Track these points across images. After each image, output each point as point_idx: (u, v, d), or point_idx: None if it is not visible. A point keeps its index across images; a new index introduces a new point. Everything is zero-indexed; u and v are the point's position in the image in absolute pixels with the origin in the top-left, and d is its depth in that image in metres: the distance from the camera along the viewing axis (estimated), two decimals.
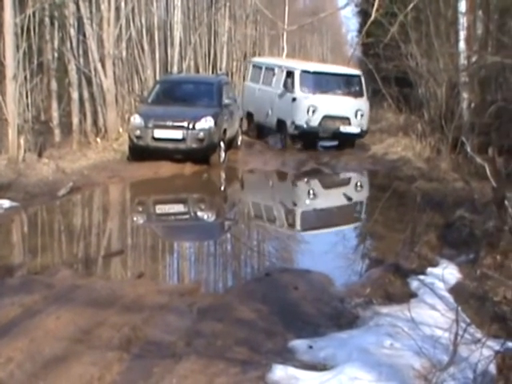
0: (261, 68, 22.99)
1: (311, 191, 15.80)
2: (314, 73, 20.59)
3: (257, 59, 26.59)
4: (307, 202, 14.63)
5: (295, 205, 14.39)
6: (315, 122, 19.64)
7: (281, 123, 20.61)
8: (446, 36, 18.07)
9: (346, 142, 20.53)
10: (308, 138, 20.34)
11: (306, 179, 16.62)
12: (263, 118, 21.89)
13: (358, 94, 20.44)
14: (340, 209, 13.72)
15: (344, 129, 19.80)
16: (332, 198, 14.84)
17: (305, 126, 19.68)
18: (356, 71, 21.86)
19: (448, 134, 15.76)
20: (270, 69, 22.18)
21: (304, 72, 20.32)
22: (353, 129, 19.92)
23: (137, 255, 9.83)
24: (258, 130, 22.75)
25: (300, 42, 61.78)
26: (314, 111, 19.59)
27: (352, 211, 13.64)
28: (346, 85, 20.78)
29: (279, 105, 20.81)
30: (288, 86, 20.43)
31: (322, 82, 20.39)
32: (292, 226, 12.39)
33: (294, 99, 19.96)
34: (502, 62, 13.02)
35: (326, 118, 19.69)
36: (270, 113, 21.29)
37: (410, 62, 19.58)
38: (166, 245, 10.81)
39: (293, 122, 19.83)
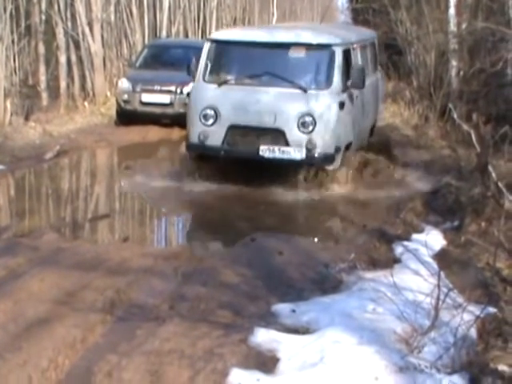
0: None
1: None
2: (230, 43, 11.26)
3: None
4: None
5: None
6: (216, 137, 10.55)
7: None
8: (436, 2, 17.98)
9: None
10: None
11: None
12: None
13: (319, 84, 10.74)
14: None
15: (268, 151, 10.30)
16: None
17: (199, 144, 10.71)
18: (325, 38, 11.06)
19: (436, 101, 15.77)
20: None
21: (214, 43, 11.25)
22: (289, 151, 10.26)
23: (123, 219, 9.87)
24: None
25: (290, 8, 61.40)
26: (213, 118, 10.59)
27: None
28: (299, 66, 10.90)
29: None
30: (192, 72, 11.47)
31: (246, 62, 11.30)
32: None
33: (187, 95, 12.33)
34: (491, 28, 13.00)
35: (234, 129, 10.52)
36: None
37: (400, 29, 19.48)
38: (153, 209, 10.81)
39: (187, 139, 11.15)
